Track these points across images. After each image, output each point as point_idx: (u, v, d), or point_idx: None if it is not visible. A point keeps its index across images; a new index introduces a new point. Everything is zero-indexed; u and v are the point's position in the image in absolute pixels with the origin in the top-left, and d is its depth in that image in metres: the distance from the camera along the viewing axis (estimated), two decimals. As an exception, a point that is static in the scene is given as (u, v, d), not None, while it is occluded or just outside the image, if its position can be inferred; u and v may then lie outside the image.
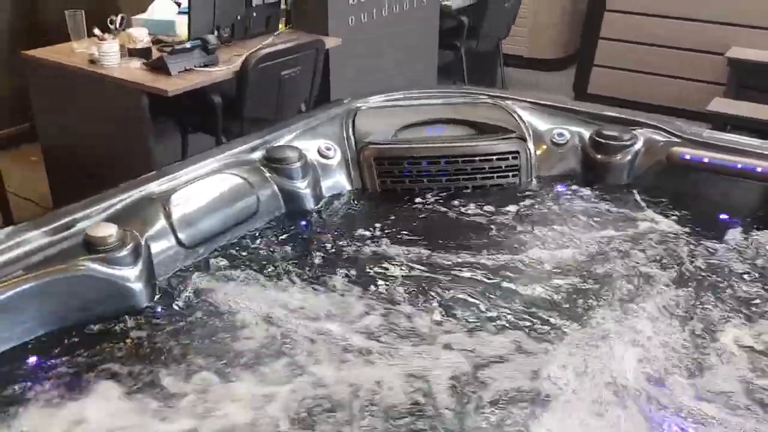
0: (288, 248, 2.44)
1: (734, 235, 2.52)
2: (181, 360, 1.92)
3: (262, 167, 2.63)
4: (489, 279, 2.28)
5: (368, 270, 2.33)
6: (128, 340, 1.98)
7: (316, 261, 2.38)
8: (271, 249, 2.43)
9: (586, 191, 2.82)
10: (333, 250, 2.44)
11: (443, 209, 2.72)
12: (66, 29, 3.66)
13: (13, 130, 4.91)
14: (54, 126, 3.85)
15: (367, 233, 2.55)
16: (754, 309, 2.15)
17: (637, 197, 2.77)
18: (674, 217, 2.63)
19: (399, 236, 2.53)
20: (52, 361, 1.89)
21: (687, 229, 2.55)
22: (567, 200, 2.77)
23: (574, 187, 2.85)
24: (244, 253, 2.40)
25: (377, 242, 2.49)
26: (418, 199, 2.79)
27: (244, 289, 2.22)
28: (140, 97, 3.35)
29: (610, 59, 6.14)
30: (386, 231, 2.56)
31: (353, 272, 2.31)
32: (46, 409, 1.74)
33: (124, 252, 2.06)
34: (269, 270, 2.32)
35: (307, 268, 2.33)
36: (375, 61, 4.61)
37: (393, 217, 2.66)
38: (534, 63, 7.12)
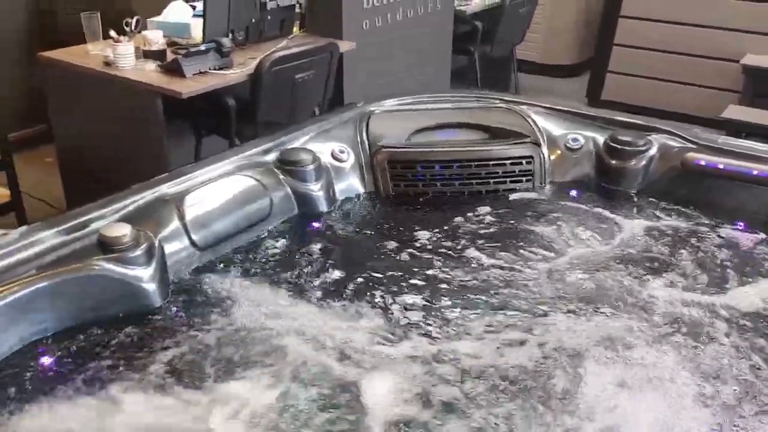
0: (300, 251, 2.44)
1: (749, 241, 2.50)
2: (192, 360, 1.92)
3: (275, 169, 2.63)
4: (500, 286, 2.27)
5: (381, 275, 2.32)
6: (141, 340, 1.98)
7: (329, 264, 2.37)
8: (284, 251, 2.43)
9: (600, 197, 2.81)
10: (346, 254, 2.44)
11: (455, 214, 2.72)
12: (82, 31, 3.69)
13: (29, 132, 4.95)
14: (69, 127, 3.88)
15: (380, 237, 2.55)
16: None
17: (652, 203, 2.75)
18: (688, 224, 2.61)
19: (411, 240, 2.52)
20: (64, 360, 1.89)
21: (701, 236, 2.54)
22: (581, 205, 2.76)
23: (588, 192, 2.84)
24: (256, 255, 2.40)
25: (389, 246, 2.48)
26: (430, 203, 2.79)
27: (256, 290, 2.21)
28: (155, 99, 3.37)
29: (624, 65, 6.12)
30: (398, 235, 2.56)
31: (366, 276, 2.30)
32: (57, 407, 1.75)
33: (138, 252, 2.06)
34: (281, 272, 2.31)
35: (320, 272, 2.33)
36: (389, 65, 4.62)
37: (406, 221, 2.65)
38: (548, 69, 7.11)
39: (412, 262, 2.39)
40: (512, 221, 2.65)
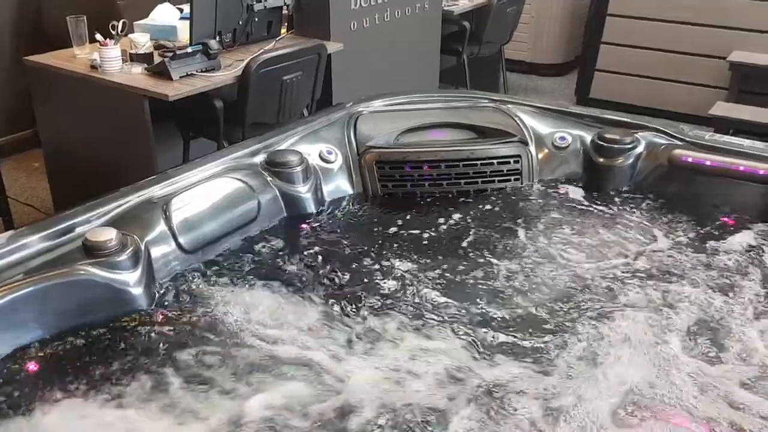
0: (288, 253, 2.43)
1: (737, 237, 2.51)
2: (179, 365, 1.91)
3: (263, 171, 2.62)
4: (489, 286, 2.27)
5: (370, 275, 2.32)
6: (127, 345, 1.97)
7: (317, 266, 2.37)
8: (272, 254, 2.43)
9: (588, 195, 2.82)
10: (334, 255, 2.43)
11: (444, 213, 2.71)
12: (68, 35, 3.67)
13: (16, 136, 4.92)
14: (56, 131, 3.86)
15: (368, 238, 2.54)
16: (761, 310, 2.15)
17: (639, 200, 2.76)
18: (676, 220, 2.62)
19: (399, 241, 2.52)
20: (51, 365, 1.88)
21: (689, 232, 2.55)
22: (568, 204, 2.76)
23: (576, 190, 2.84)
24: (244, 258, 2.39)
25: (378, 247, 2.48)
26: (419, 203, 2.78)
27: (243, 293, 2.21)
28: (142, 102, 3.35)
29: (612, 64, 6.13)
30: (387, 236, 2.56)
31: (355, 278, 2.30)
32: (45, 413, 1.74)
33: (124, 256, 2.06)
34: (269, 275, 2.31)
35: (308, 274, 2.33)
36: (377, 66, 4.62)
37: (394, 222, 2.65)
38: (536, 68, 7.12)
39: (401, 263, 2.38)
40: (500, 220, 2.65)
